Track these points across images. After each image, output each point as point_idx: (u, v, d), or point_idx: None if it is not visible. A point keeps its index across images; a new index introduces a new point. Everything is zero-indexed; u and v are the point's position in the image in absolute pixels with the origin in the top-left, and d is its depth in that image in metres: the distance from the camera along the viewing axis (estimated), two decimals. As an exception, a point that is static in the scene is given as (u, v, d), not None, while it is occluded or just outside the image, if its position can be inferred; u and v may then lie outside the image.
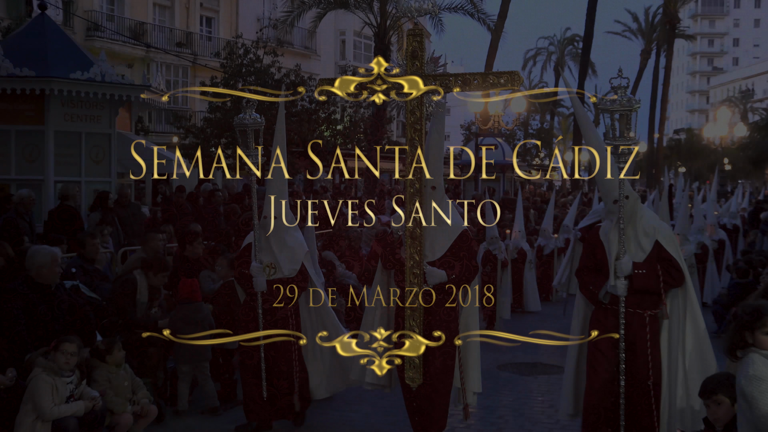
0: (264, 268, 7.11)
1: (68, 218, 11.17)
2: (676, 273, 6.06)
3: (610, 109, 5.73)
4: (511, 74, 5.95)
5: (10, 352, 6.82)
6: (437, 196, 6.54)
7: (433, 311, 6.48)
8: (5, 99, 12.49)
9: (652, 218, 6.33)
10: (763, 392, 4.28)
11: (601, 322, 6.08)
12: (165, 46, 33.56)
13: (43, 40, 13.33)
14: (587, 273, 6.41)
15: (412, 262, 6.23)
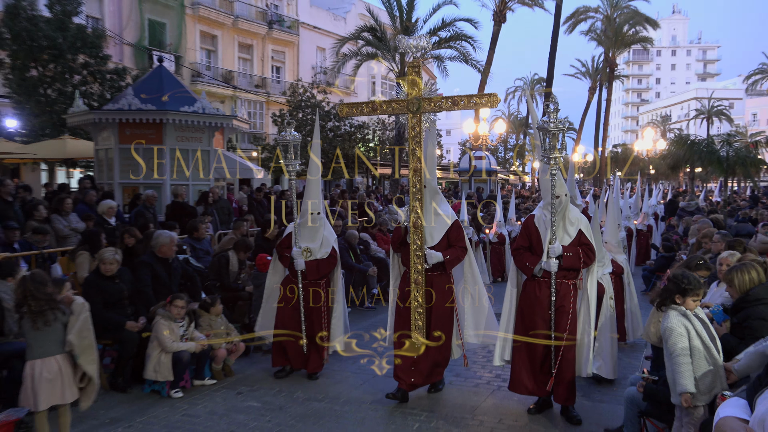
0: (302, 252, 6.82)
1: (179, 210, 11.26)
2: (591, 254, 5.83)
3: (546, 129, 5.50)
4: (490, 96, 5.82)
5: (142, 306, 6.92)
6: (433, 194, 6.23)
7: (433, 284, 6.19)
8: (135, 126, 12.58)
9: (576, 212, 5.96)
10: (673, 338, 4.31)
11: (536, 293, 5.82)
12: (247, 87, 33.66)
13: (161, 84, 13.40)
14: (523, 252, 6.00)
15: (415, 246, 6.06)
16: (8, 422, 4.86)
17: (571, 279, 5.83)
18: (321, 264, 6.92)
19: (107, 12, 27.34)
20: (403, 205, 11.40)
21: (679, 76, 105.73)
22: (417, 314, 6.10)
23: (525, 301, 5.94)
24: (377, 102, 6.23)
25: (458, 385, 6.81)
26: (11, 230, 8.40)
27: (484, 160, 29.41)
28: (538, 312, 5.79)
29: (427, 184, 6.10)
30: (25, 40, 17.07)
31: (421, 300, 6.08)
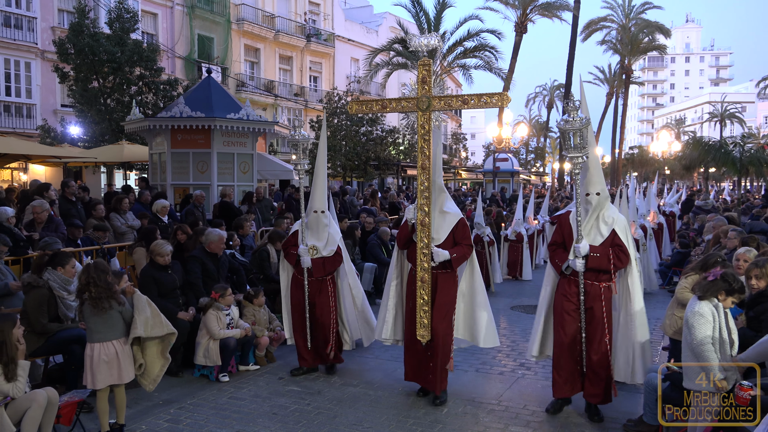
0: (309, 249, 6.46)
1: (226, 209, 11.34)
2: (624, 257, 5.23)
3: (566, 129, 5.08)
4: (500, 95, 5.39)
5: (192, 297, 6.97)
6: (439, 192, 5.78)
7: (438, 282, 5.74)
8: (185, 132, 12.71)
9: (613, 211, 5.37)
10: (701, 324, 4.17)
11: (566, 290, 5.36)
12: (287, 95, 33.85)
13: (209, 93, 13.51)
14: (555, 248, 5.57)
15: (422, 244, 5.63)
16: (72, 402, 4.93)
17: (602, 281, 5.28)
18: (327, 262, 6.53)
19: (161, 28, 27.74)
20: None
21: (692, 81, 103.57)
22: (423, 312, 5.67)
23: (558, 297, 5.50)
24: (387, 100, 5.84)
25: (484, 372, 6.72)
26: (75, 228, 8.55)
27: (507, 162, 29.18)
28: (568, 308, 5.35)
29: (433, 182, 5.72)
30: (88, 55, 17.39)
31: (427, 298, 5.66)
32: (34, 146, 16.59)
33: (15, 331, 4.45)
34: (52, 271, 5.79)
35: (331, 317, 6.58)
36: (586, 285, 5.25)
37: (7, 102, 22.16)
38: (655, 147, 44.49)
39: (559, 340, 5.41)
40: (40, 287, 5.67)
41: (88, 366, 4.90)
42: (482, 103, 5.41)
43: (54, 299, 5.76)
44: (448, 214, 5.80)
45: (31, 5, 22.71)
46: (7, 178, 20.94)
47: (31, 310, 5.59)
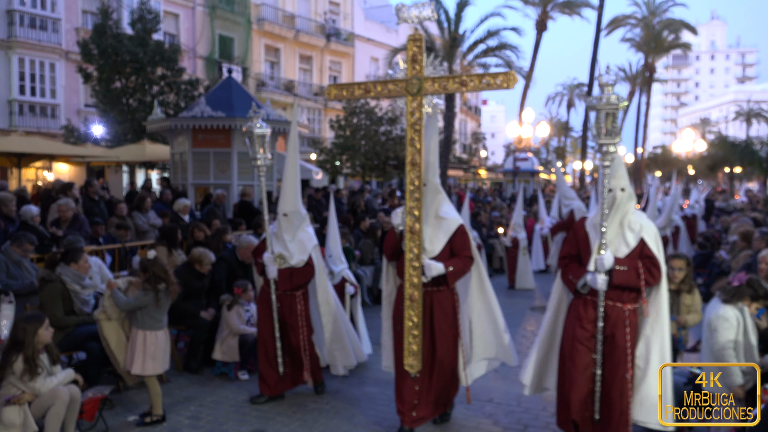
0: (275, 258, 5.56)
1: (245, 209, 11.42)
2: (656, 272, 4.23)
3: (597, 107, 4.07)
4: (505, 75, 4.42)
5: (214, 297, 7.03)
6: (434, 193, 4.88)
7: (433, 302, 4.87)
8: (206, 132, 12.82)
9: (640, 216, 4.42)
10: (725, 329, 4.13)
11: (580, 313, 4.35)
12: (306, 95, 33.99)
13: (229, 93, 13.61)
14: (569, 262, 4.56)
15: (411, 255, 4.69)
16: (95, 399, 5.01)
17: (628, 302, 4.27)
18: (295, 273, 5.59)
19: (182, 29, 28.01)
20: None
21: (717, 79, 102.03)
22: (412, 337, 4.76)
23: (569, 322, 4.48)
24: (371, 83, 4.84)
25: (503, 373, 6.68)
26: (97, 226, 8.67)
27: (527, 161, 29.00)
28: (582, 336, 4.33)
29: (427, 181, 4.80)
30: (111, 55, 17.63)
31: (416, 320, 4.72)
32: (58, 146, 16.88)
33: (42, 332, 4.53)
34: (65, 266, 5.89)
35: (300, 338, 5.69)
36: (607, 307, 4.28)
37: (32, 102, 22.55)
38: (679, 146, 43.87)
39: (567, 375, 4.40)
40: (53, 281, 5.79)
41: (139, 353, 5.15)
42: (484, 84, 4.49)
43: (68, 293, 5.87)
44: (444, 220, 4.88)
45: (56, 7, 23.08)
46: (32, 177, 21.32)
47: (46, 303, 5.75)
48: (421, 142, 4.66)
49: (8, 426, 4.31)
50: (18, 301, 5.93)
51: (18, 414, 4.34)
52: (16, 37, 21.72)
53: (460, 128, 44.47)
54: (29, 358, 4.42)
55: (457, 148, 40.05)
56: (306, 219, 5.74)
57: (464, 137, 46.97)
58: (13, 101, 21.94)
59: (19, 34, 21.80)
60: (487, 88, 4.50)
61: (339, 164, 26.75)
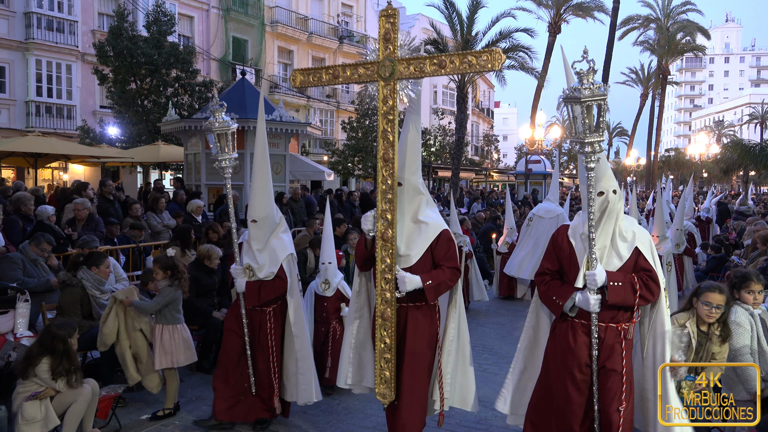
0: (244, 270, 4.94)
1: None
2: (655, 287, 3.66)
3: (577, 100, 3.42)
4: (489, 53, 3.66)
5: (226, 297, 7.06)
6: (413, 194, 4.14)
7: (408, 320, 4.10)
8: (220, 133, 12.90)
9: (630, 222, 3.86)
10: (739, 334, 4.08)
11: (567, 340, 3.73)
12: (319, 97, 34.09)
13: (242, 94, 13.69)
14: (549, 279, 3.89)
15: (383, 266, 3.98)
16: (109, 397, 5.05)
17: (623, 321, 3.70)
18: (264, 287, 4.90)
19: (197, 31, 28.20)
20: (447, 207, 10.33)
21: (732, 82, 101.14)
22: (384, 361, 4.05)
23: (552, 351, 3.85)
24: (339, 68, 4.18)
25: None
26: (112, 226, 8.74)
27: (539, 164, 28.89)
28: (571, 364, 3.72)
29: (402, 180, 4.07)
30: (126, 57, 17.78)
31: (389, 341, 4.01)
32: (74, 146, 17.03)
33: (72, 341, 4.61)
34: (87, 270, 5.94)
35: (270, 360, 5.04)
36: (599, 329, 3.68)
37: (49, 103, 22.78)
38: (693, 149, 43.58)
39: (556, 415, 3.81)
40: (73, 286, 5.84)
41: (169, 347, 5.33)
42: (465, 65, 3.73)
43: (87, 298, 5.92)
44: (425, 225, 4.12)
45: (73, 9, 23.30)
46: (48, 177, 21.55)
47: (65, 307, 5.81)
48: (394, 134, 3.94)
49: (30, 421, 4.37)
50: (34, 300, 5.99)
51: (39, 409, 4.40)
52: (33, 39, 21.96)
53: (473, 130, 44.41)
54: (54, 363, 4.47)
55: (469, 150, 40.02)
56: (280, 225, 5.09)
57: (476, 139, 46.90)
58: (30, 102, 22.18)
59: (36, 36, 22.04)
60: (469, 69, 3.77)
61: (351, 165, 26.81)
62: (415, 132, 4.14)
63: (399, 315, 4.08)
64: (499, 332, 8.66)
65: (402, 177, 4.06)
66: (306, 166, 18.46)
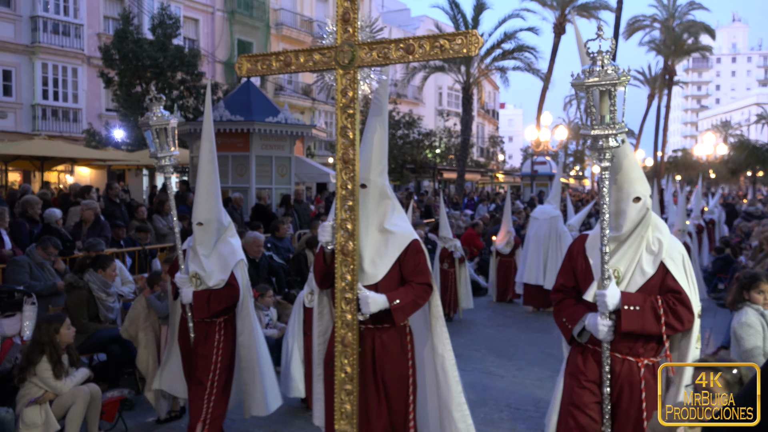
0: (190, 278, 4.45)
1: (263, 212, 11.50)
2: (685, 312, 3.01)
3: (588, 85, 2.91)
4: (464, 35, 3.08)
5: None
6: (379, 199, 3.59)
7: (375, 345, 3.53)
8: (224, 135, 12.92)
9: (660, 229, 3.20)
10: (750, 335, 4.07)
11: (580, 368, 3.19)
12: (324, 99, 34.15)
13: (248, 97, 13.72)
14: (564, 297, 3.37)
15: (344, 284, 3.41)
16: (115, 399, 5.07)
17: (643, 355, 3.09)
18: (213, 297, 4.42)
19: (202, 33, 28.31)
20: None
21: (739, 82, 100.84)
22: (344, 393, 3.45)
23: (567, 380, 3.33)
24: (292, 54, 3.54)
25: (521, 378, 6.65)
26: (119, 228, 8.78)
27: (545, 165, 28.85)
28: (585, 402, 3.17)
29: (368, 182, 3.54)
30: (132, 60, 17.86)
31: (350, 370, 3.41)
32: (80, 149, 17.12)
33: (64, 331, 4.63)
34: (93, 273, 5.98)
35: (210, 376, 4.46)
36: (614, 361, 3.11)
37: (55, 106, 22.89)
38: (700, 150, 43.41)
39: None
40: (80, 288, 5.88)
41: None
42: (437, 49, 3.17)
43: (93, 300, 5.95)
44: (392, 235, 3.58)
45: (79, 13, 23.43)
46: (54, 180, 21.65)
47: (72, 309, 5.83)
48: (355, 130, 3.37)
49: (30, 426, 4.39)
50: (40, 303, 6.01)
51: (39, 413, 4.42)
52: (39, 42, 22.09)
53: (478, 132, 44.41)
54: (53, 357, 4.49)
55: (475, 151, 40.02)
56: (229, 228, 4.66)
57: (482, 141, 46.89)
58: (36, 106, 22.29)
59: (42, 40, 22.16)
60: (441, 54, 3.17)
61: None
62: (382, 129, 3.64)
63: (362, 340, 3.49)
64: (505, 334, 8.64)
65: (367, 178, 3.54)
66: (311, 168, 18.47)
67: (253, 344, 4.70)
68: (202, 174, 4.55)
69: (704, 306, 6.84)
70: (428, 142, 28.90)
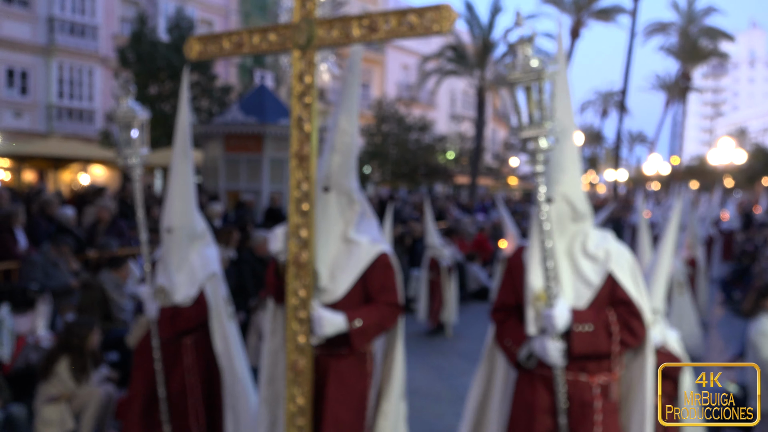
0: (156, 292, 3.90)
1: (275, 214, 11.56)
2: (639, 326, 2.73)
3: (511, 79, 2.57)
4: (438, 10, 2.59)
5: (242, 300, 7.11)
6: (345, 204, 3.14)
7: (329, 373, 3.04)
8: (238, 138, 13.02)
9: (603, 237, 2.86)
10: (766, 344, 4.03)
11: (528, 397, 2.79)
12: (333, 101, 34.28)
13: (262, 99, 13.80)
14: (505, 317, 2.95)
15: (296, 301, 2.92)
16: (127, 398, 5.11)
17: (597, 372, 2.74)
18: (179, 314, 3.89)
19: (216, 36, 28.53)
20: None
21: (757, 89, 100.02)
22: (296, 430, 2.95)
23: (516, 410, 2.88)
24: (245, 34, 3.12)
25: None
26: (132, 229, 8.85)
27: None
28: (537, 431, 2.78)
29: (331, 185, 3.11)
30: (147, 62, 18.04)
31: (303, 402, 2.92)
32: (94, 150, 17.30)
33: (92, 337, 4.70)
34: (107, 272, 6.03)
35: (189, 402, 3.95)
36: (569, 385, 2.73)
37: (70, 107, 23.16)
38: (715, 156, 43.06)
39: None
40: (93, 287, 5.93)
41: None
42: (405, 26, 2.71)
43: (106, 300, 6.02)
44: (357, 246, 3.11)
45: (95, 14, 23.71)
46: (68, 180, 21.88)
47: (85, 308, 5.91)
48: (312, 122, 2.92)
49: (47, 423, 4.46)
50: (54, 301, 6.08)
51: (57, 412, 4.49)
52: (55, 43, 22.36)
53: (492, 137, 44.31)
54: (77, 362, 4.55)
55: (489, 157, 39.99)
56: (203, 237, 4.09)
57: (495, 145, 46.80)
58: (52, 106, 22.55)
59: (58, 41, 22.44)
60: (410, 32, 2.69)
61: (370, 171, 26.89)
62: (350, 122, 3.17)
63: (318, 367, 3.01)
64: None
65: (331, 179, 3.10)
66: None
67: (234, 366, 4.02)
68: (175, 173, 3.98)
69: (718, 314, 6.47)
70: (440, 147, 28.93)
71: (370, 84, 37.23)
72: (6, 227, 7.20)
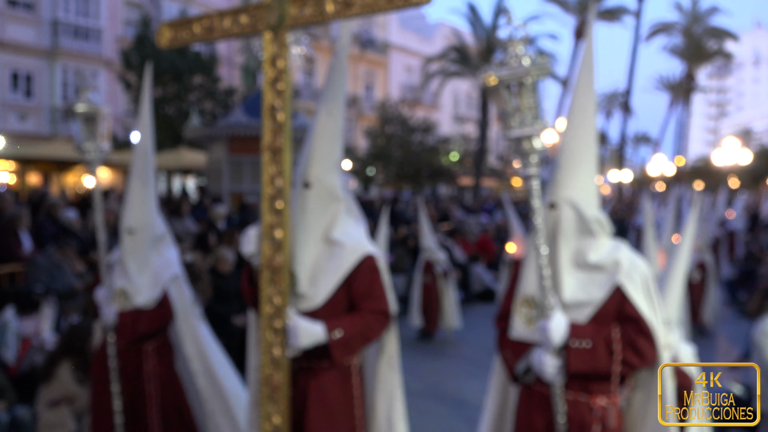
0: (114, 295, 3.68)
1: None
2: (645, 343, 2.46)
3: (502, 79, 2.40)
4: None
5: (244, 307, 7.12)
6: (327, 202, 2.84)
7: (309, 390, 2.76)
8: (241, 140, 13.04)
9: (614, 247, 2.57)
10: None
11: (528, 413, 2.59)
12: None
13: (265, 102, 13.83)
14: (507, 325, 2.69)
15: (271, 309, 2.64)
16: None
17: (599, 393, 2.50)
18: (141, 318, 3.66)
19: (219, 38, 28.59)
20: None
21: (762, 89, 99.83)
22: None
23: (520, 424, 2.66)
24: (216, 17, 2.82)
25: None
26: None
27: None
28: None
29: (310, 181, 2.83)
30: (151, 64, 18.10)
31: (279, 422, 2.63)
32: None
33: (94, 339, 4.70)
34: None
35: (153, 413, 3.70)
36: (568, 405, 2.51)
37: (75, 110, 23.26)
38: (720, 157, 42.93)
39: None
40: None
41: None
42: (383, 0, 2.44)
43: None
44: (340, 247, 2.81)
45: (99, 17, 23.81)
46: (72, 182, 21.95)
47: (89, 310, 5.86)
48: (287, 111, 2.65)
49: (49, 426, 4.47)
50: (58, 303, 6.10)
51: (58, 415, 4.49)
52: (59, 46, 22.45)
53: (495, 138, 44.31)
54: (78, 364, 4.56)
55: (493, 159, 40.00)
56: (163, 239, 3.94)
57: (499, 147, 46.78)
58: (56, 109, 22.64)
59: (62, 44, 22.53)
60: (388, 5, 2.43)
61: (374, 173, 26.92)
62: (334, 113, 2.91)
63: (297, 382, 2.74)
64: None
65: (311, 175, 2.82)
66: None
67: (211, 370, 3.82)
68: (136, 172, 3.75)
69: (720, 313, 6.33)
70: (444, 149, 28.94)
71: (374, 86, 37.27)
72: (11, 230, 7.23)
